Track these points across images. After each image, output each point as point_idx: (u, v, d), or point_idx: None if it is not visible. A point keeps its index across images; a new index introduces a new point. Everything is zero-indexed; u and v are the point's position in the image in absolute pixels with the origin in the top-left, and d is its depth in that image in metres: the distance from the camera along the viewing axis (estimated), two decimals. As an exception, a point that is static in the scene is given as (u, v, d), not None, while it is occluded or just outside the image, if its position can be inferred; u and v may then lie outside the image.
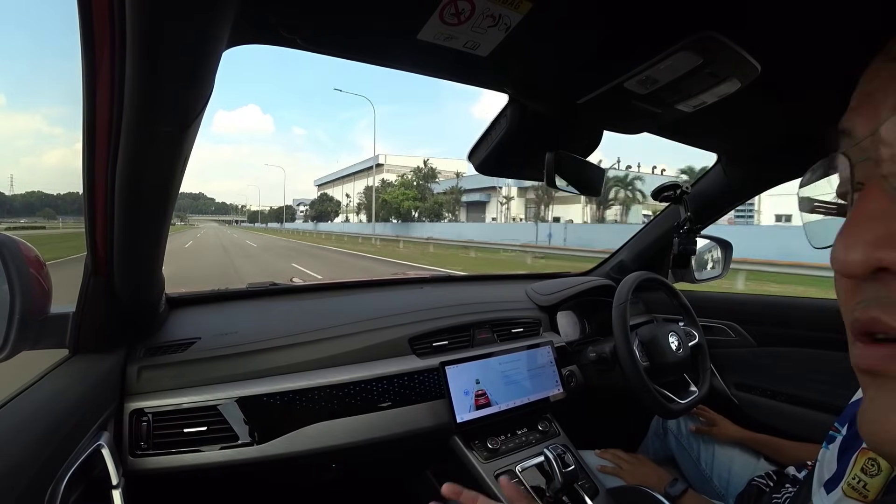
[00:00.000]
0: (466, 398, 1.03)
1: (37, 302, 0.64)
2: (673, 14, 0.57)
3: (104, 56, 0.44)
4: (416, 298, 1.34)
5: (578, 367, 1.28)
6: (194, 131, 0.57)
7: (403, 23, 0.55)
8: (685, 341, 1.20)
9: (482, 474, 0.98)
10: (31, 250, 0.64)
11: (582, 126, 0.91)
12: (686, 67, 0.61)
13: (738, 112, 0.88)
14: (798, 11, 0.57)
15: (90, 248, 0.68)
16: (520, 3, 0.51)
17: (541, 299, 1.41)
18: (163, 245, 0.77)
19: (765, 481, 0.94)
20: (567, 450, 1.00)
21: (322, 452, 0.91)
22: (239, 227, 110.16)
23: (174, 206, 0.70)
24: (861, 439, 0.57)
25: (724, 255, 1.53)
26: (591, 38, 0.62)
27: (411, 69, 0.70)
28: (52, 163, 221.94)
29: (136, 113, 0.48)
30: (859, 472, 0.55)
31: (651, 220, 1.59)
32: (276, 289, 1.31)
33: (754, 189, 1.31)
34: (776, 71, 0.67)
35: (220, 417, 0.86)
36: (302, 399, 0.91)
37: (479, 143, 0.90)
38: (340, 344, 1.02)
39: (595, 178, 0.98)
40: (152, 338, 0.93)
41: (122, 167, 0.55)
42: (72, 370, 0.74)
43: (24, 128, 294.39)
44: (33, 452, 0.53)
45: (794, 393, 1.25)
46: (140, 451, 0.81)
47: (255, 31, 0.55)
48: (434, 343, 1.12)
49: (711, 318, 1.47)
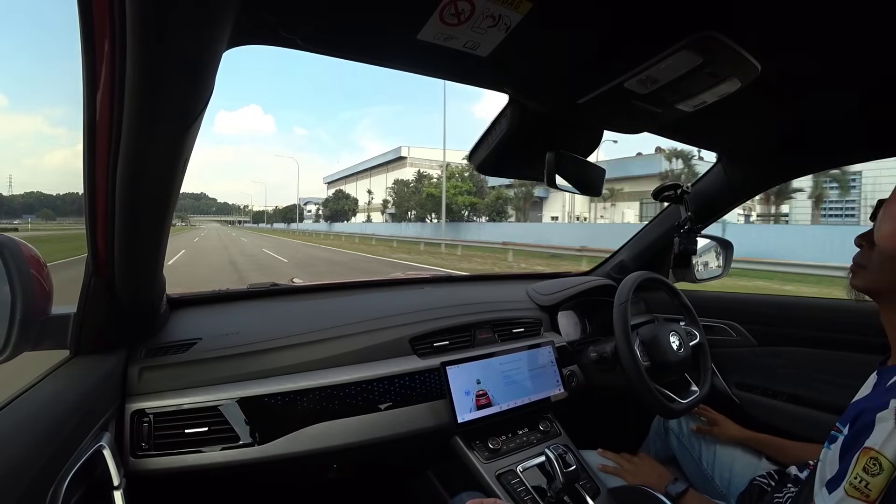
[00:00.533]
0: (467, 398, 1.03)
1: (38, 303, 0.64)
2: (673, 14, 0.57)
3: (104, 57, 0.44)
4: (417, 299, 1.34)
5: (579, 367, 1.28)
6: (195, 132, 0.57)
7: (403, 23, 0.55)
8: (686, 341, 1.20)
9: (483, 474, 0.98)
10: (32, 251, 0.64)
11: (582, 126, 0.91)
12: (686, 67, 0.61)
13: (738, 112, 0.88)
14: (797, 11, 0.57)
15: (91, 248, 0.68)
16: (520, 4, 0.52)
17: (542, 299, 1.41)
18: (164, 245, 0.77)
19: (766, 481, 0.94)
20: (568, 450, 1.00)
21: (323, 453, 0.91)
22: (242, 227, 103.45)
23: (175, 207, 0.70)
24: (862, 439, 0.58)
25: (725, 254, 1.53)
26: (591, 38, 0.62)
27: (411, 69, 0.70)
28: (54, 164, 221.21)
29: (136, 114, 0.48)
30: (861, 472, 0.55)
31: (652, 220, 1.59)
32: (277, 289, 1.31)
33: (755, 189, 1.31)
34: (776, 70, 0.67)
35: (222, 418, 0.86)
36: (303, 399, 0.91)
37: (479, 143, 0.90)
38: (341, 344, 1.02)
39: (595, 178, 0.98)
40: (153, 338, 0.93)
41: (122, 168, 0.55)
42: (73, 371, 0.74)
43: (25, 129, 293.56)
44: (35, 453, 0.53)
45: (796, 392, 1.25)
46: (141, 452, 0.81)
47: (255, 31, 0.55)
48: (435, 343, 1.12)
49: (712, 317, 1.47)
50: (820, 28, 0.61)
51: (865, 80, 0.76)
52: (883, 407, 0.57)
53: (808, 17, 0.58)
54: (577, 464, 1.00)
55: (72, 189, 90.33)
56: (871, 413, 0.58)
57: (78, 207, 72.90)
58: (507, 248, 15.24)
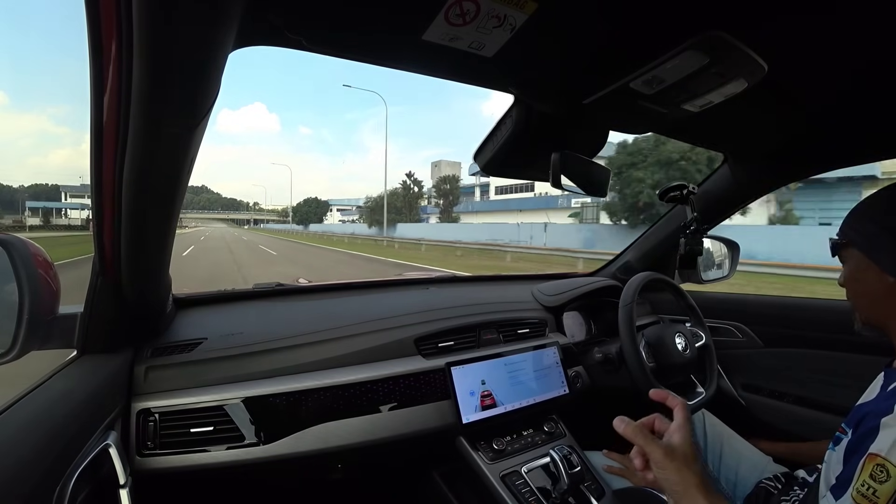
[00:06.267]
0: (472, 399, 1.03)
1: (45, 302, 0.65)
2: (679, 13, 0.56)
3: (112, 57, 0.44)
4: (422, 299, 1.34)
5: (584, 368, 1.28)
6: (201, 132, 0.57)
7: (408, 24, 0.55)
8: (692, 342, 1.19)
9: (488, 475, 0.98)
10: (39, 251, 0.64)
11: (588, 126, 0.91)
12: (693, 67, 0.61)
13: (744, 112, 0.87)
14: (804, 11, 0.56)
15: (97, 248, 0.69)
16: (525, 4, 0.51)
17: (547, 300, 1.40)
18: (170, 245, 0.77)
19: (773, 483, 0.93)
20: (573, 451, 1.00)
21: (328, 453, 0.91)
22: (260, 229, 79.50)
23: (181, 207, 0.71)
24: (867, 443, 0.57)
25: (731, 255, 1.52)
26: (596, 38, 0.62)
27: (416, 70, 0.70)
28: (58, 162, 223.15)
29: (143, 114, 0.49)
30: (868, 479, 0.54)
31: (657, 221, 1.58)
32: (283, 289, 1.32)
33: (761, 189, 1.30)
34: (783, 71, 0.67)
35: (227, 417, 0.86)
36: (308, 399, 0.92)
37: (484, 143, 0.90)
38: (346, 344, 1.02)
39: (601, 179, 0.98)
40: (159, 338, 0.94)
41: (129, 168, 0.55)
42: (80, 370, 0.75)
43: (29, 127, 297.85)
44: (42, 452, 0.54)
45: (802, 394, 1.24)
46: (147, 451, 0.82)
47: (260, 32, 0.55)
48: (440, 344, 1.12)
49: (718, 318, 1.46)
50: (826, 27, 0.60)
51: (872, 80, 0.75)
52: (888, 411, 0.57)
53: (814, 16, 0.58)
54: (582, 465, 1.00)
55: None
56: (875, 417, 0.58)
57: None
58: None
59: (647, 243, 1.58)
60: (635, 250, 1.63)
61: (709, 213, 1.33)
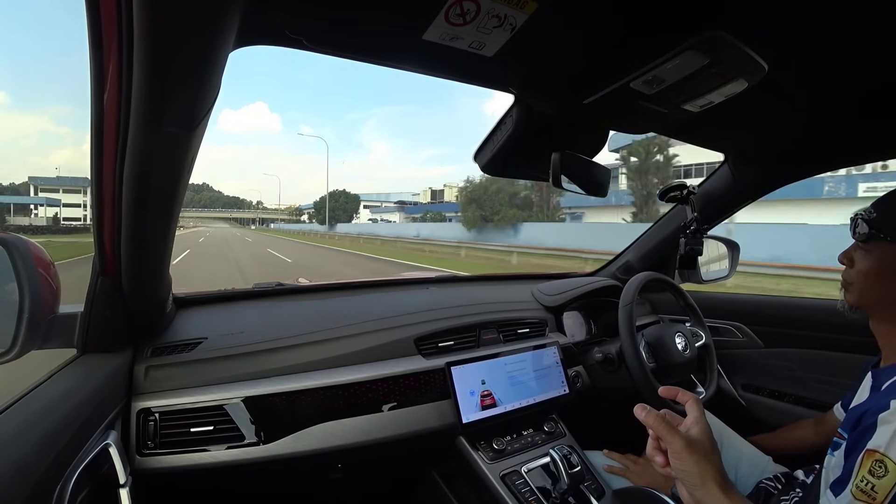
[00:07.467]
0: (472, 398, 1.03)
1: (45, 302, 0.65)
2: (679, 14, 0.56)
3: (112, 57, 0.44)
4: (422, 299, 1.34)
5: (584, 368, 1.28)
6: (201, 132, 0.57)
7: (409, 23, 0.55)
8: (692, 342, 1.20)
9: (488, 475, 0.98)
10: (40, 251, 0.64)
11: (588, 126, 0.91)
12: (693, 67, 0.60)
13: (745, 112, 0.87)
14: (804, 11, 0.56)
15: (98, 248, 0.69)
16: (525, 4, 0.51)
17: (547, 300, 1.40)
18: (170, 245, 0.77)
19: (773, 483, 0.93)
20: (573, 450, 1.00)
21: (328, 452, 0.91)
22: (268, 230, 70.02)
23: (181, 206, 0.71)
24: (865, 440, 0.57)
25: (731, 255, 1.52)
26: (596, 38, 0.62)
27: (417, 69, 0.70)
28: (59, 162, 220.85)
29: (143, 114, 0.49)
30: (867, 475, 0.55)
31: (657, 221, 1.58)
32: (283, 289, 1.32)
33: (762, 189, 1.30)
34: (783, 70, 0.67)
35: (227, 417, 0.86)
36: (308, 399, 0.92)
37: (484, 143, 0.90)
38: (346, 344, 1.02)
39: (602, 179, 0.98)
40: (159, 337, 0.94)
41: (129, 167, 0.55)
42: (80, 370, 0.75)
43: (31, 128, 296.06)
44: (42, 451, 0.54)
45: (802, 394, 1.24)
46: (147, 451, 0.82)
47: (261, 32, 0.55)
48: (440, 343, 1.12)
49: (718, 318, 1.46)
50: (826, 27, 0.60)
51: (872, 79, 0.75)
52: (884, 408, 0.57)
53: (814, 16, 0.58)
54: (582, 464, 1.00)
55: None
56: (872, 415, 0.58)
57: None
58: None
59: (648, 243, 1.58)
60: (635, 250, 1.62)
61: (709, 213, 1.33)
